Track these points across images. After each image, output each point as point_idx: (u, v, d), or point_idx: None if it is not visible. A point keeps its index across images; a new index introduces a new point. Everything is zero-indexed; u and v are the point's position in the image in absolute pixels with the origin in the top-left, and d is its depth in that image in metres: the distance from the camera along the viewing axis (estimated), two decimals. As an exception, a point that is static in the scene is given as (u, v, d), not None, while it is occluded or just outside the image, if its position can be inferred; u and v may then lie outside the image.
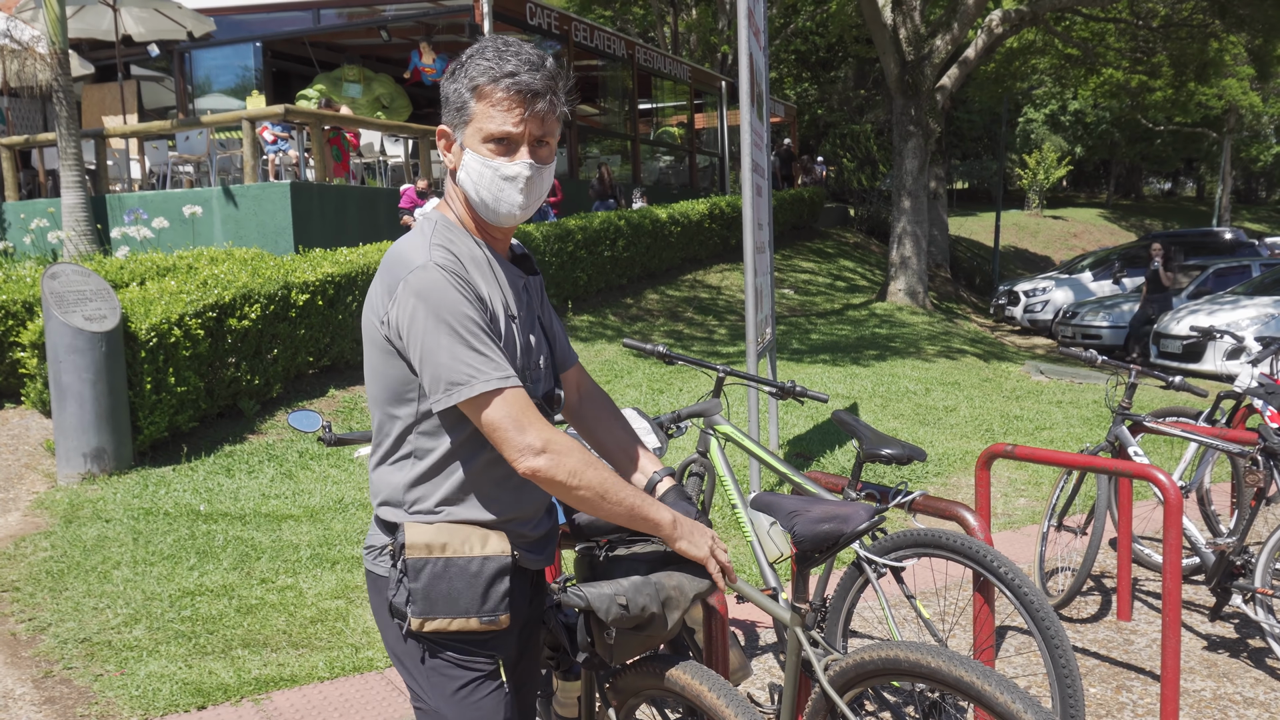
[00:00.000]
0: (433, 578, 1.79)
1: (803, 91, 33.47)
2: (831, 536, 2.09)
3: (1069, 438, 7.92)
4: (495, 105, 1.79)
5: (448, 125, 1.87)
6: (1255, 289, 13.57)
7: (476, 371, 1.73)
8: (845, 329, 13.86)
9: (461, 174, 1.85)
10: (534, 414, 1.77)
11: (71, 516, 5.94)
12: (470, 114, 1.82)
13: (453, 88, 1.84)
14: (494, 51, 1.81)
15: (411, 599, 1.79)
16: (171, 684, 3.81)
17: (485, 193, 1.83)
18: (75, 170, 10.29)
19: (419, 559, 1.79)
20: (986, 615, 2.97)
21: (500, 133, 1.80)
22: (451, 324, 1.73)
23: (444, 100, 1.87)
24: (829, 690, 2.05)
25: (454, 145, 1.87)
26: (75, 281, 6.73)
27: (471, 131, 1.82)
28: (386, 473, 1.87)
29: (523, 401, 1.76)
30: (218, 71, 15.89)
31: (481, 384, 1.73)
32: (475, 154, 1.82)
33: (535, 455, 1.74)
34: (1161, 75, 22.79)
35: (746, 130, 5.80)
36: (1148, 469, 3.27)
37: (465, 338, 1.73)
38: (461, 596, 1.80)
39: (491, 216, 1.87)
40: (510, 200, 1.83)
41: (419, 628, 1.80)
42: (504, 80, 1.78)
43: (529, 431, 1.75)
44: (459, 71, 1.83)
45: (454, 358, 1.73)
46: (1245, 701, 3.62)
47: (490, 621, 1.82)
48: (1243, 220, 42.86)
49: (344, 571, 5.04)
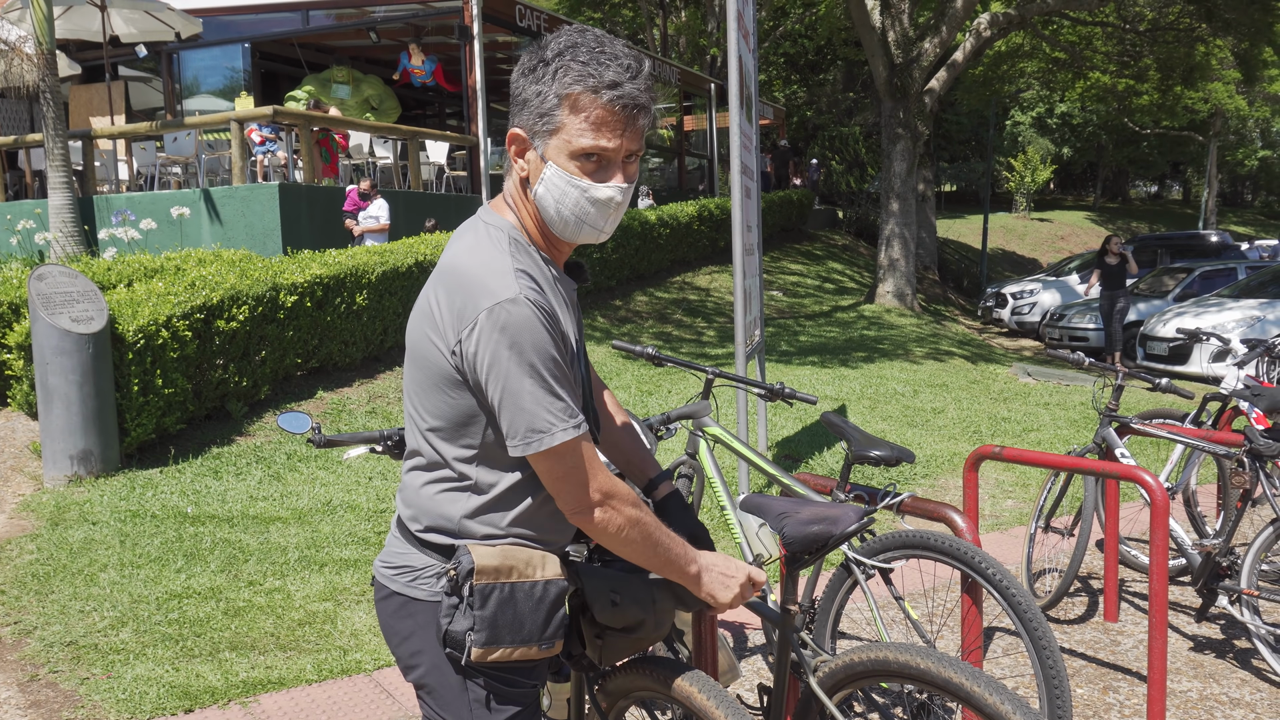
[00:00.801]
0: (500, 604, 1.67)
1: (792, 94, 33.55)
2: (820, 538, 2.09)
3: (1056, 439, 7.95)
4: (592, 120, 1.61)
5: (524, 130, 1.67)
6: (1241, 291, 13.65)
7: (557, 419, 1.61)
8: (834, 331, 13.89)
9: (541, 189, 1.67)
10: (597, 463, 1.68)
11: (58, 519, 5.91)
12: (558, 123, 1.62)
13: (535, 90, 1.63)
14: (588, 54, 1.61)
15: (475, 627, 1.67)
16: (158, 687, 3.79)
17: (568, 212, 1.67)
18: (62, 171, 10.25)
19: (487, 584, 1.67)
20: (974, 616, 2.98)
21: (594, 148, 1.62)
22: (538, 366, 1.59)
23: (519, 101, 1.67)
24: (818, 691, 2.05)
25: (529, 152, 1.68)
26: (62, 283, 6.70)
27: (558, 144, 1.63)
28: (437, 500, 1.74)
29: (591, 451, 1.67)
30: (206, 72, 15.85)
31: (561, 434, 1.61)
32: (560, 170, 1.64)
33: (595, 508, 1.67)
34: (1148, 79, 22.93)
35: (735, 133, 5.80)
36: (1134, 471, 3.28)
37: (549, 382, 1.61)
38: (526, 623, 1.70)
39: (570, 236, 1.72)
40: (595, 224, 1.69)
41: (481, 657, 1.67)
42: (606, 92, 1.60)
43: (593, 483, 1.66)
44: (543, 72, 1.62)
45: (537, 403, 1.60)
46: (1231, 702, 3.64)
47: (548, 649, 1.74)
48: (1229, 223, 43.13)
49: (332, 574, 5.03)
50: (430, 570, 1.73)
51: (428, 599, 1.73)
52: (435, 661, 1.73)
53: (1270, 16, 17.78)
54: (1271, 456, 3.78)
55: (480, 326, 1.59)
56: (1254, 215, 49.66)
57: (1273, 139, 46.86)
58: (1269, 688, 3.75)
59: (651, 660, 2.08)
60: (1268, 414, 4.05)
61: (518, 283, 1.60)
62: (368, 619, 4.49)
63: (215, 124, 12.19)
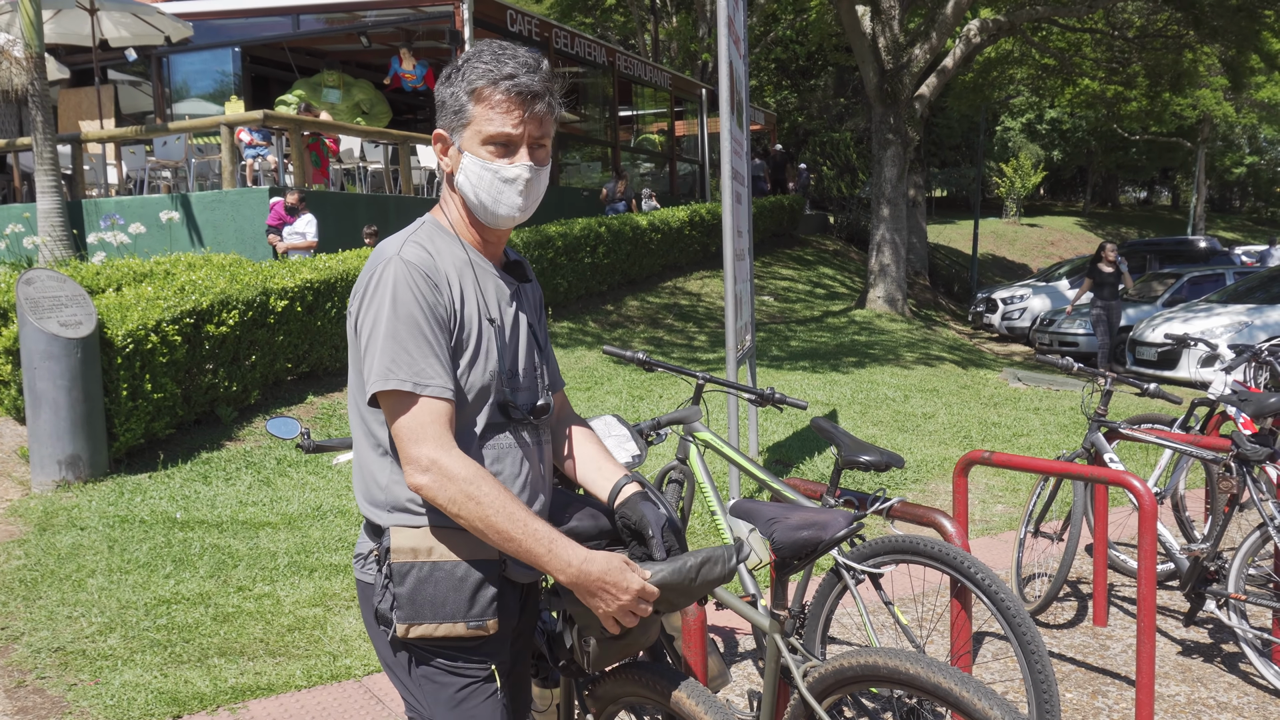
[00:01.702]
0: (418, 582, 1.77)
1: (783, 99, 33.61)
2: (810, 543, 2.09)
3: (1046, 444, 7.97)
4: (494, 108, 1.80)
5: (444, 129, 1.87)
6: (1229, 297, 13.71)
7: (396, 369, 1.72)
8: (824, 336, 13.91)
9: (460, 177, 1.86)
10: (437, 429, 1.73)
11: (46, 524, 5.88)
12: (468, 117, 1.82)
13: (449, 92, 1.84)
14: (491, 55, 1.82)
15: (397, 604, 1.77)
16: (147, 693, 3.78)
17: (485, 195, 1.84)
18: (51, 175, 10.21)
19: (404, 563, 1.77)
20: (964, 621, 2.99)
21: (500, 134, 1.81)
22: (395, 317, 1.74)
23: (440, 105, 1.87)
24: (808, 697, 2.05)
25: (450, 149, 1.87)
26: (50, 287, 6.67)
27: (470, 135, 1.83)
28: (371, 470, 1.85)
29: (432, 414, 1.73)
30: (196, 76, 15.81)
31: (394, 382, 1.72)
32: (474, 157, 1.83)
33: (421, 472, 1.72)
34: (1137, 85, 23.04)
35: (726, 138, 5.81)
36: (1123, 475, 3.30)
37: (401, 334, 1.73)
38: (448, 601, 1.77)
39: (491, 219, 1.87)
40: (510, 202, 1.85)
41: (404, 634, 1.77)
42: (504, 83, 1.79)
43: (423, 445, 1.72)
44: (455, 76, 1.84)
45: (383, 352, 1.73)
46: (1219, 706, 3.66)
47: (478, 627, 1.79)
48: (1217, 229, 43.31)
49: (322, 579, 5.01)
50: (373, 554, 1.86)
51: (371, 581, 1.85)
52: (384, 640, 1.85)
53: (1257, 24, 17.88)
54: (1258, 461, 3.80)
55: (363, 286, 1.80)
56: (1242, 221, 49.90)
57: (1260, 145, 47.12)
58: (1256, 692, 3.77)
59: (641, 666, 2.08)
60: (1255, 419, 4.07)
61: (403, 248, 1.80)
62: (357, 624, 4.47)
63: (205, 128, 12.16)
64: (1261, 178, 50.51)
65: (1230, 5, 17.21)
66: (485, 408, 1.84)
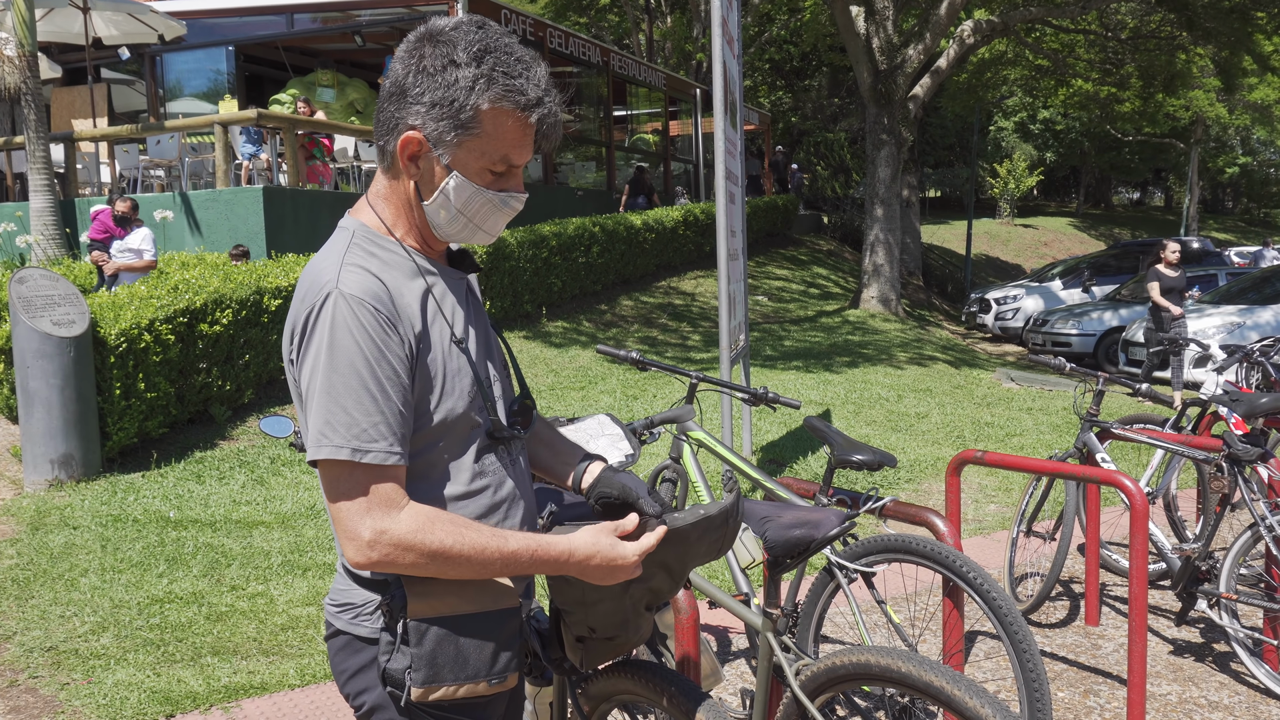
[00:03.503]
0: (439, 640, 1.54)
1: (777, 100, 33.64)
2: (803, 542, 2.10)
3: (1038, 444, 7.99)
4: (512, 134, 1.54)
5: (426, 134, 1.53)
6: (1221, 298, 13.75)
7: (331, 431, 1.45)
8: (818, 336, 13.92)
9: (439, 199, 1.56)
10: (380, 496, 1.47)
11: (38, 523, 5.87)
12: (476, 134, 1.52)
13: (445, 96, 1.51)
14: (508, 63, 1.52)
15: (413, 665, 1.54)
16: (140, 692, 3.77)
17: (466, 220, 1.58)
18: (44, 174, 10.18)
19: (423, 620, 1.54)
20: (956, 620, 3.00)
21: (511, 164, 1.57)
22: (331, 369, 1.46)
23: (416, 98, 1.52)
24: (800, 695, 2.06)
25: (429, 160, 1.55)
26: (43, 286, 6.66)
27: (469, 156, 1.54)
28: None
29: (373, 479, 1.47)
30: (189, 75, 15.77)
31: (329, 448, 1.45)
32: (466, 181, 1.55)
33: (369, 548, 1.46)
34: (1130, 86, 23.10)
35: (720, 138, 5.82)
36: (1115, 475, 3.31)
37: (338, 388, 1.45)
38: (471, 658, 1.57)
39: (457, 239, 1.63)
40: (494, 229, 1.62)
41: (421, 697, 1.54)
42: (535, 111, 1.53)
43: (365, 518, 1.46)
44: (456, 75, 1.50)
45: (318, 410, 1.46)
46: (1210, 705, 3.67)
47: (499, 683, 1.61)
48: (1210, 230, 43.43)
49: (315, 578, 5.01)
50: (371, 605, 1.60)
51: (370, 635, 1.60)
52: (378, 701, 1.61)
53: (1249, 26, 17.95)
54: (1250, 461, 3.82)
55: (300, 332, 1.51)
56: (1234, 222, 50.04)
57: (1253, 146, 47.25)
58: (1247, 691, 3.78)
59: (634, 664, 2.08)
60: (1246, 419, 4.09)
61: (339, 277, 1.49)
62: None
63: (199, 127, 12.14)
64: (1254, 179, 50.66)
65: (1223, 7, 17.28)
66: (471, 433, 1.62)
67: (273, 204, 10.92)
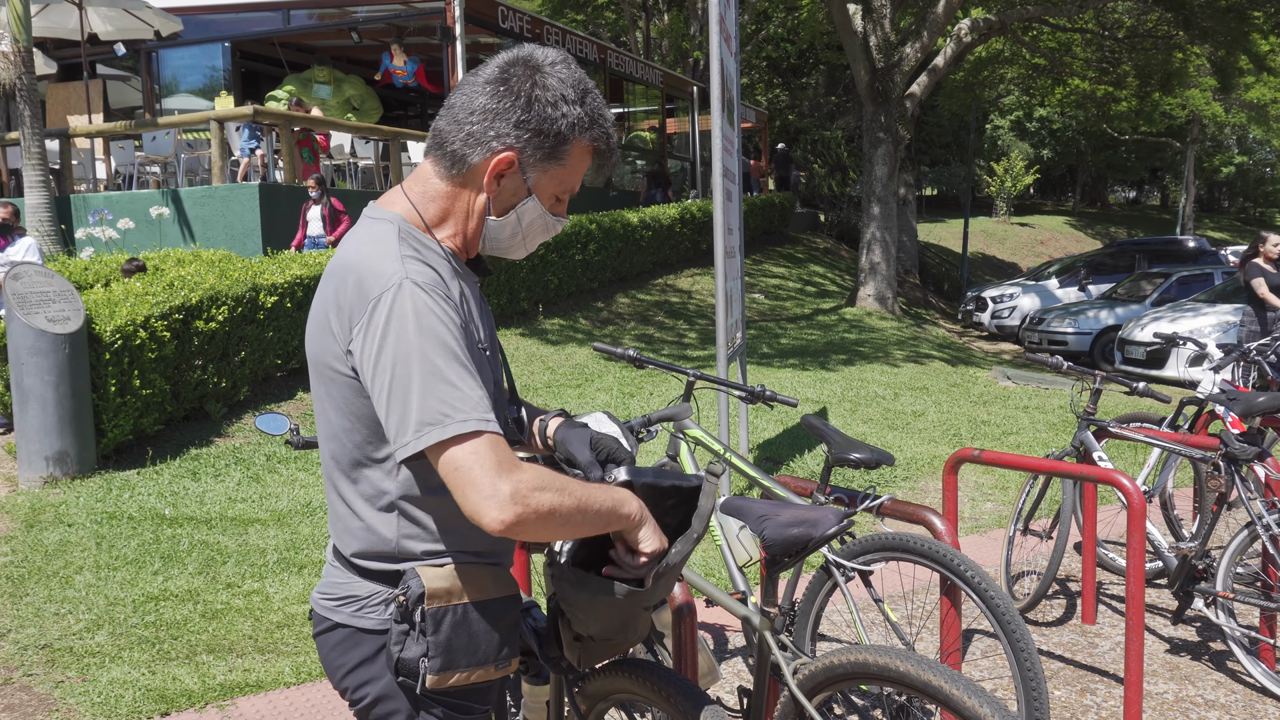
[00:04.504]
0: (454, 627, 1.60)
1: (774, 97, 33.63)
2: (800, 541, 2.09)
3: (1035, 443, 8.00)
4: (583, 169, 1.66)
5: (523, 159, 1.61)
6: (1217, 296, 13.77)
7: (451, 409, 1.47)
8: (815, 334, 13.92)
9: (511, 216, 1.65)
10: (507, 459, 1.49)
11: (33, 521, 5.85)
12: (563, 163, 1.63)
13: (549, 128, 1.60)
14: (600, 105, 1.64)
15: (429, 653, 1.58)
16: (134, 690, 3.76)
17: (528, 236, 1.69)
18: (39, 170, 10.16)
19: (440, 608, 1.59)
20: (953, 619, 2.99)
21: (574, 193, 1.69)
22: (429, 352, 1.48)
23: (525, 125, 1.59)
24: (798, 694, 2.05)
25: (514, 180, 1.63)
26: (38, 282, 6.64)
27: (550, 181, 1.65)
28: (369, 523, 1.63)
29: (498, 447, 1.49)
30: (185, 71, 15.73)
31: (455, 425, 1.46)
32: (538, 203, 1.66)
33: (512, 503, 1.46)
34: (1127, 85, 23.12)
35: (717, 135, 5.81)
36: (1112, 474, 3.31)
37: (442, 368, 1.48)
38: (481, 644, 1.63)
39: (502, 253, 1.72)
40: (533, 247, 1.74)
41: (437, 684, 1.59)
42: (612, 155, 1.67)
43: (501, 479, 1.46)
44: (569, 110, 1.61)
45: (428, 393, 1.46)
46: (1207, 704, 3.67)
47: (504, 667, 1.68)
48: (1205, 229, 43.48)
49: (311, 576, 5.00)
50: (377, 598, 1.64)
51: (376, 628, 1.64)
52: (385, 691, 1.64)
53: (1246, 25, 17.96)
54: (1247, 460, 3.82)
55: (368, 316, 1.51)
56: (1230, 221, 50.12)
57: (1249, 146, 47.32)
58: (1243, 689, 3.79)
59: (631, 663, 2.08)
60: (1243, 418, 4.09)
61: (405, 267, 1.53)
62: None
63: (194, 123, 12.11)
64: (1249, 178, 50.74)
65: (1219, 6, 17.29)
66: None
67: (269, 201, 10.90)
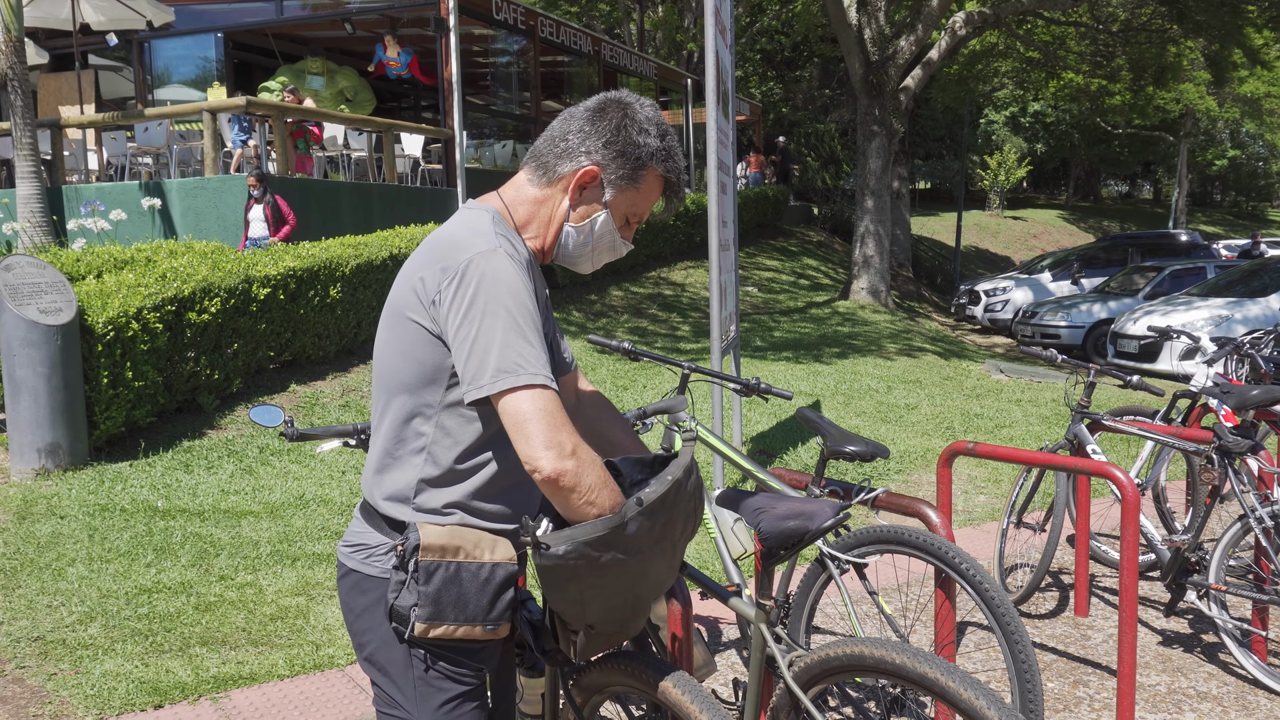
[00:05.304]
0: (444, 581, 1.74)
1: (768, 90, 33.59)
2: (795, 533, 2.09)
3: (1028, 436, 8.01)
4: (653, 198, 1.90)
5: (605, 175, 1.86)
6: (1210, 290, 13.80)
7: (527, 363, 1.67)
8: (808, 327, 13.93)
9: (586, 225, 1.88)
10: (566, 421, 1.68)
11: (25, 513, 5.83)
12: (637, 186, 1.87)
13: (632, 154, 1.85)
14: (674, 147, 1.88)
15: (419, 603, 1.74)
16: (127, 683, 3.75)
17: (589, 250, 1.91)
18: (30, 161, 10.10)
19: (432, 561, 1.74)
20: (948, 611, 3.00)
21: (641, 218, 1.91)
22: (513, 312, 1.68)
23: (609, 145, 1.85)
24: (793, 686, 2.05)
25: (593, 192, 1.87)
26: (30, 274, 6.61)
27: (623, 201, 1.88)
28: (399, 465, 1.81)
29: (559, 405, 1.69)
30: (178, 62, 15.67)
31: (529, 376, 1.66)
32: (610, 220, 1.89)
33: (568, 457, 1.65)
34: (1120, 79, 23.14)
35: (712, 128, 5.80)
36: (1105, 467, 3.31)
37: (523, 328, 1.68)
38: (470, 602, 1.76)
39: (567, 263, 1.93)
40: (598, 265, 1.95)
41: (423, 633, 1.75)
42: (679, 190, 1.92)
43: (562, 432, 1.66)
44: (654, 144, 1.86)
45: (508, 345, 1.67)
46: (1199, 696, 3.69)
47: (493, 630, 1.79)
48: (1198, 223, 43.62)
49: (304, 568, 4.99)
50: (384, 547, 1.81)
51: (379, 575, 1.80)
52: (384, 637, 1.80)
53: (1240, 19, 17.98)
54: (1240, 453, 3.83)
55: (461, 273, 1.70)
56: (1223, 215, 50.26)
57: (1242, 140, 47.41)
58: (1235, 681, 3.80)
59: (626, 655, 2.07)
60: (1236, 411, 4.09)
61: (498, 240, 1.74)
62: (340, 613, 4.46)
63: (187, 114, 12.05)
64: (1242, 172, 50.85)
65: (1213, 0, 17.29)
66: None
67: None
